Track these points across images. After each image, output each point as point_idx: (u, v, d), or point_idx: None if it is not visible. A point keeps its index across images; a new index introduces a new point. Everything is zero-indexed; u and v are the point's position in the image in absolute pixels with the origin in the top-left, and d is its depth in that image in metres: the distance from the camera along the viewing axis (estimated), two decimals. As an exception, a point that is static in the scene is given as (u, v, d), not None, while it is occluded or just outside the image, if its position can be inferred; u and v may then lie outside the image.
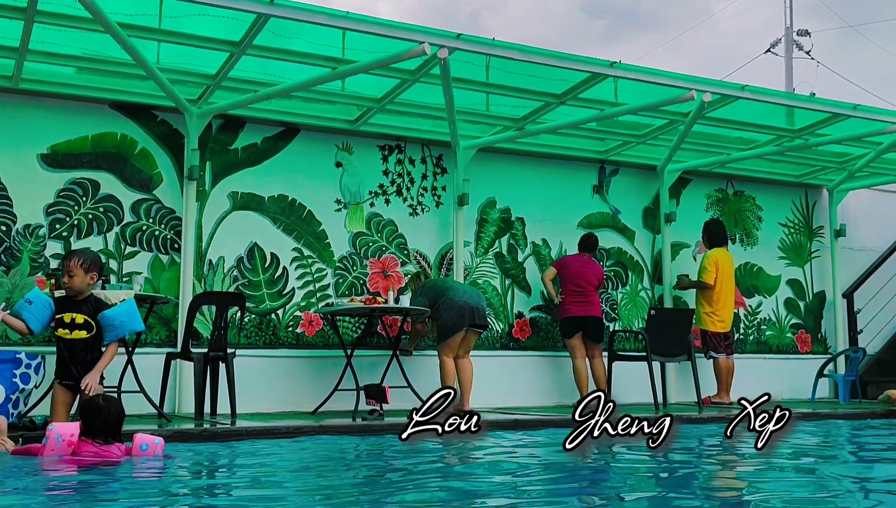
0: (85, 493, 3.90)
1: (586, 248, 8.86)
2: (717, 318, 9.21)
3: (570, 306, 8.61)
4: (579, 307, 8.59)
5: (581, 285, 8.62)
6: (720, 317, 9.23)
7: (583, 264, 8.73)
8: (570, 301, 8.62)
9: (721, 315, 9.23)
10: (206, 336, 7.52)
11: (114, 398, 4.89)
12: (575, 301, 8.60)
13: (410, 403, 7.46)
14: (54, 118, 7.43)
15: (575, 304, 8.60)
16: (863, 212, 11.17)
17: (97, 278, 5.59)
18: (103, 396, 4.83)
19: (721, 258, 9.25)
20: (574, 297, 8.61)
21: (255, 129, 8.12)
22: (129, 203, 7.61)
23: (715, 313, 9.21)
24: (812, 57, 27.70)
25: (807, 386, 10.04)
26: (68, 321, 5.44)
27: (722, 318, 9.24)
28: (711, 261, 9.19)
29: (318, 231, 8.27)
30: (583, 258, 8.79)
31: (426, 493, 3.85)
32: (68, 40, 6.90)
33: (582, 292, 8.62)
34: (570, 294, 8.63)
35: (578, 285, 8.62)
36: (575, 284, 8.62)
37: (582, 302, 8.60)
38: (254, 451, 5.36)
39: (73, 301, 5.49)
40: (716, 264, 9.18)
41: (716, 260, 9.20)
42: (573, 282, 8.63)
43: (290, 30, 6.83)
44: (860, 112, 8.78)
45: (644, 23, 75.93)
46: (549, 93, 8.17)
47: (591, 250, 8.87)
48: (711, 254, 9.26)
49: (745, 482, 4.34)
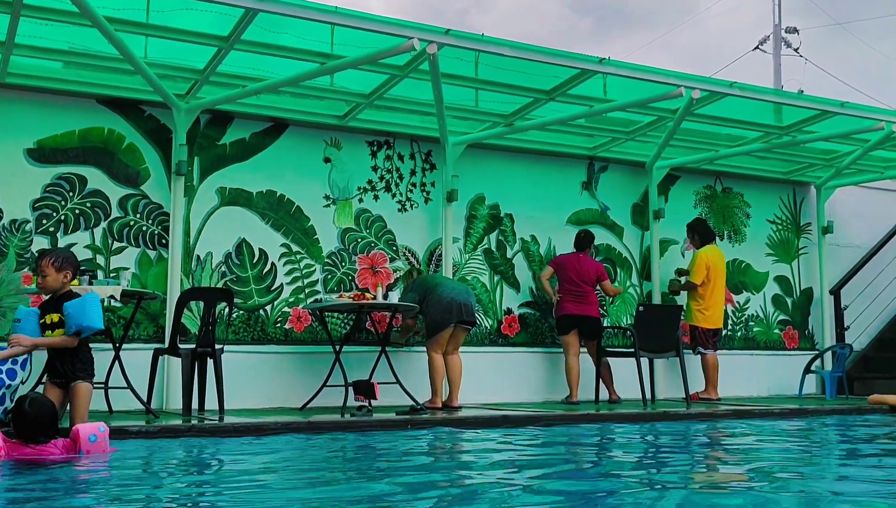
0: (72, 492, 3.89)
1: (581, 246, 8.89)
2: (708, 314, 9.25)
3: (568, 305, 8.66)
4: (576, 306, 8.64)
5: (578, 285, 8.67)
6: (711, 313, 9.27)
7: (579, 262, 8.76)
8: (568, 300, 8.66)
9: (712, 312, 9.27)
10: (193, 332, 7.50)
11: (39, 399, 4.87)
12: (572, 300, 8.65)
13: (399, 399, 7.49)
14: (41, 113, 7.38)
15: (572, 302, 8.64)
16: (850, 209, 11.22)
17: (72, 276, 5.55)
18: (28, 399, 4.81)
19: (712, 257, 9.29)
20: (571, 296, 8.65)
21: (244, 124, 8.09)
22: (116, 198, 7.58)
23: (706, 310, 9.24)
24: (800, 54, 27.86)
25: (794, 382, 10.09)
26: (48, 322, 5.45)
27: (713, 314, 9.28)
28: (703, 261, 9.22)
29: (306, 227, 8.25)
30: (579, 257, 8.82)
31: (413, 488, 3.85)
32: (55, 34, 6.86)
33: (580, 290, 8.67)
34: (568, 293, 8.67)
35: (576, 284, 8.67)
36: (573, 283, 8.67)
37: (579, 301, 8.65)
38: (241, 447, 5.35)
39: (51, 301, 5.48)
40: (706, 264, 9.21)
41: (707, 259, 9.23)
42: (571, 282, 8.68)
43: (278, 25, 6.81)
44: (848, 109, 8.81)
45: (631, 21, 76.06)
46: (539, 89, 8.17)
47: (587, 248, 8.90)
48: (703, 253, 9.28)
49: (741, 475, 4.35)
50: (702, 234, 9.43)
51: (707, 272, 9.19)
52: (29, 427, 4.70)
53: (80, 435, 4.76)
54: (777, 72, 26.80)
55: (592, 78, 7.94)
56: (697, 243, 9.44)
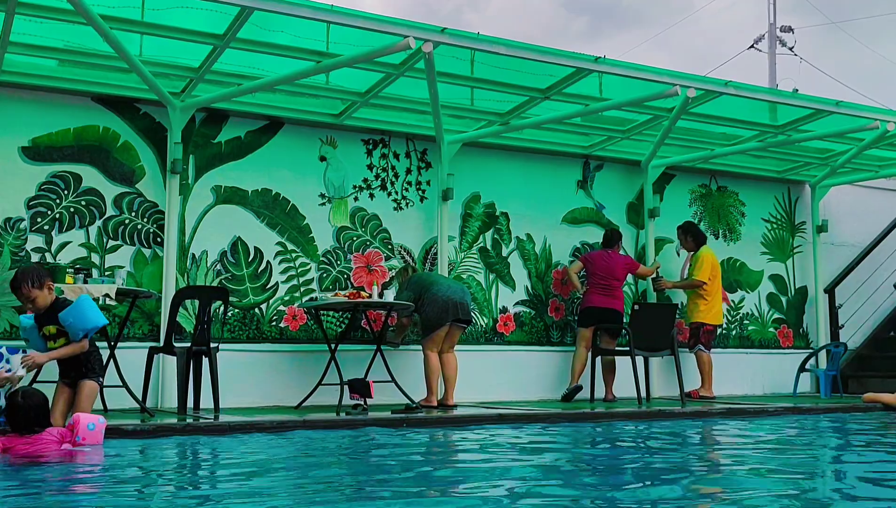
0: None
1: (609, 243, 9.03)
2: (715, 311, 9.41)
3: (594, 297, 8.80)
4: (602, 299, 8.79)
5: (607, 281, 8.80)
6: (718, 310, 9.47)
7: (609, 258, 8.90)
8: (595, 292, 8.81)
9: (718, 308, 9.47)
10: (189, 331, 7.49)
11: (30, 391, 4.98)
12: (600, 293, 8.79)
13: (394, 397, 7.49)
14: (36, 111, 7.37)
15: (599, 295, 8.79)
16: (845, 208, 11.24)
17: (52, 283, 5.61)
18: (21, 392, 4.92)
19: (713, 256, 9.46)
20: (599, 290, 8.80)
21: (239, 122, 8.08)
22: (111, 197, 7.57)
23: (714, 307, 9.40)
24: (795, 53, 27.88)
25: (788, 381, 10.11)
26: (47, 334, 5.56)
27: (718, 311, 9.47)
28: (708, 260, 9.36)
29: (301, 225, 8.25)
30: (608, 253, 8.95)
31: (407, 485, 3.85)
32: (50, 32, 6.84)
33: (608, 286, 8.82)
34: (596, 287, 8.82)
35: (605, 279, 8.82)
36: (601, 278, 8.83)
37: (606, 294, 8.81)
38: (237, 445, 5.35)
39: (44, 315, 5.56)
40: (711, 263, 9.35)
41: (711, 258, 9.40)
42: (600, 277, 8.82)
43: (273, 23, 6.80)
44: (843, 108, 8.83)
45: (626, 20, 76.12)
46: (534, 88, 8.17)
47: (615, 245, 9.04)
48: (706, 253, 9.40)
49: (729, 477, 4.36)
50: (695, 236, 9.49)
51: (711, 270, 9.31)
52: (22, 418, 4.80)
53: (80, 422, 4.90)
54: (772, 71, 26.82)
55: (588, 77, 7.94)
56: (692, 246, 9.48)
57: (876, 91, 48.78)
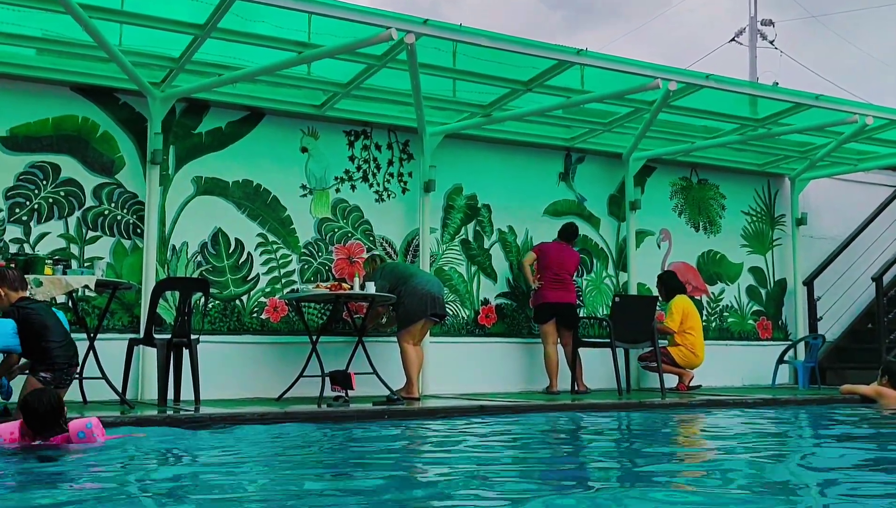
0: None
1: (567, 237, 8.93)
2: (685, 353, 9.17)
3: (548, 293, 8.69)
4: (556, 294, 8.67)
5: (560, 274, 8.71)
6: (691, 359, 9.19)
7: (562, 252, 8.81)
8: (549, 288, 8.69)
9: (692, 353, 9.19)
10: (169, 322, 7.45)
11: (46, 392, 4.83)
12: (553, 288, 8.68)
13: (376, 389, 7.49)
14: (14, 100, 7.29)
15: (553, 291, 8.68)
16: (823, 201, 11.33)
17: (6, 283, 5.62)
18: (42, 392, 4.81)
19: (683, 303, 9.29)
20: (553, 284, 8.68)
21: (220, 113, 8.04)
22: (90, 187, 7.51)
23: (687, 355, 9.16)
24: (776, 47, 27.98)
25: (767, 373, 10.19)
26: None
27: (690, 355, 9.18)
28: (678, 308, 9.22)
29: (283, 217, 8.22)
30: (562, 246, 8.86)
31: (387, 479, 3.86)
32: (28, 21, 6.77)
33: (561, 280, 8.71)
34: (549, 281, 8.70)
35: (557, 273, 8.71)
36: (554, 272, 8.71)
37: (559, 290, 8.69)
38: (218, 437, 5.33)
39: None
40: (682, 310, 9.23)
41: (682, 306, 9.24)
42: (553, 270, 8.71)
43: (255, 13, 6.76)
44: (822, 102, 8.89)
45: (604, 14, 76.07)
46: (516, 80, 8.18)
47: (571, 240, 8.95)
48: (677, 301, 9.27)
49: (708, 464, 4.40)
50: (668, 287, 9.41)
51: (682, 318, 9.20)
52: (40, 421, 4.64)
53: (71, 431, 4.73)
54: (752, 64, 26.94)
55: (570, 69, 7.95)
56: (664, 296, 9.44)
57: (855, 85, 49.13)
